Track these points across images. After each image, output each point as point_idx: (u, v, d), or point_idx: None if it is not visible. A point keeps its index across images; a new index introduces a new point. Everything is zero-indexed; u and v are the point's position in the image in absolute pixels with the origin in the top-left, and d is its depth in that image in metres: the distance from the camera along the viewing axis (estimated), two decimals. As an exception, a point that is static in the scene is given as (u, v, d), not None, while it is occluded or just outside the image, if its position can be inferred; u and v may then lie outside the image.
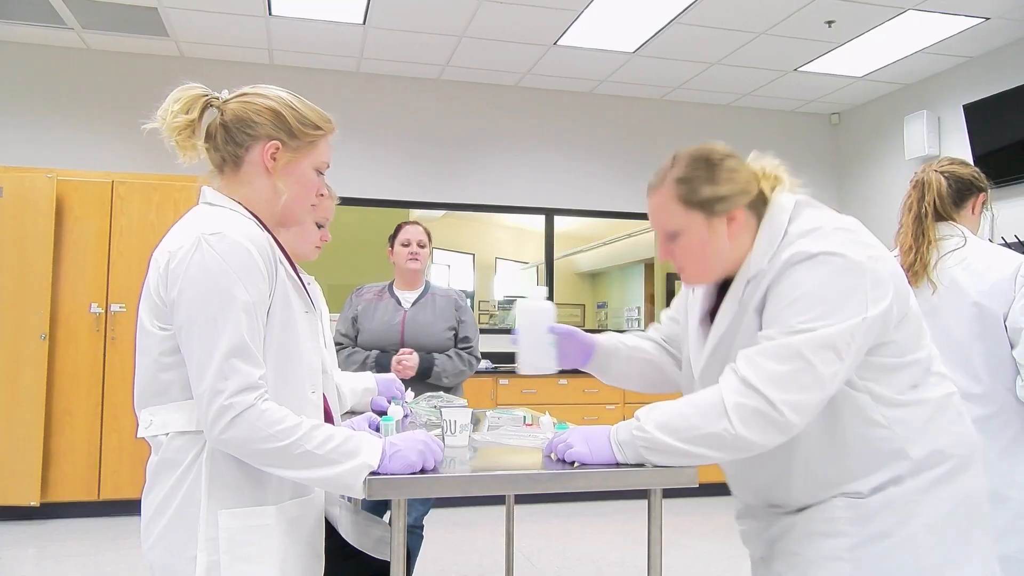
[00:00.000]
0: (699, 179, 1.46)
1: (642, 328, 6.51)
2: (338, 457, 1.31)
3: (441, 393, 2.50)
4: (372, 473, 1.33)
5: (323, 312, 2.45)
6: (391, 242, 3.27)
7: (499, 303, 6.52)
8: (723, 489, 1.74)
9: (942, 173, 2.24)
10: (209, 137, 1.46)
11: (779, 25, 5.02)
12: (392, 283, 3.28)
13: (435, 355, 3.09)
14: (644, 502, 1.53)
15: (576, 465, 1.46)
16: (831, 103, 6.63)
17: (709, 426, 1.35)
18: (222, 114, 1.45)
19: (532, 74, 6.04)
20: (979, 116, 5.32)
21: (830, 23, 4.96)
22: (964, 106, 5.43)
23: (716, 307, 1.55)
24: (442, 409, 1.84)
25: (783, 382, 1.32)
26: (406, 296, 3.22)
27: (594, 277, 6.88)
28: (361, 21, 5.05)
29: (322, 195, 1.52)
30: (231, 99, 1.46)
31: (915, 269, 2.17)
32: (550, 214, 6.42)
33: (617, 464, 1.45)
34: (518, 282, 6.64)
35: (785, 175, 1.53)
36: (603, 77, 6.10)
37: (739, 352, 1.39)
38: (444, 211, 6.20)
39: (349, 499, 1.81)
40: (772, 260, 1.43)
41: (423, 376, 3.04)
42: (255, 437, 1.27)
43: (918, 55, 5.49)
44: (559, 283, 6.48)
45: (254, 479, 1.36)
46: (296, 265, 1.56)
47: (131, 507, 4.67)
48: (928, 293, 2.15)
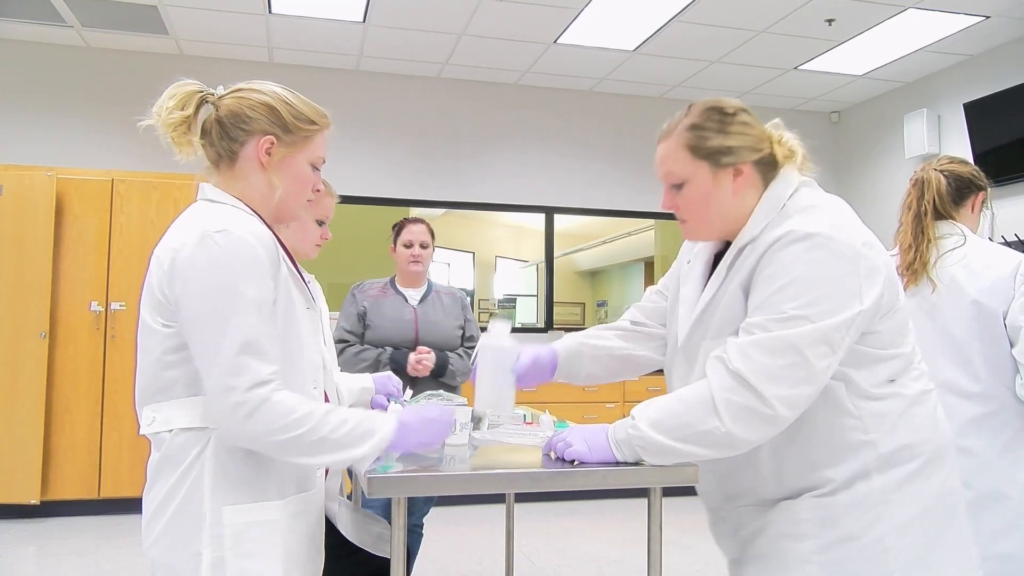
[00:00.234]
0: (710, 128, 1.46)
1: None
2: (353, 440, 1.33)
3: (441, 392, 2.50)
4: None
5: (323, 310, 2.45)
6: (393, 239, 3.21)
7: (499, 301, 6.52)
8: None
9: (942, 172, 2.24)
10: (205, 133, 1.46)
11: (779, 23, 5.02)
12: (393, 279, 3.23)
13: (448, 354, 3.08)
14: (644, 500, 1.53)
15: (576, 464, 1.47)
16: (831, 101, 6.63)
17: (700, 424, 1.34)
18: (217, 110, 1.44)
19: (532, 72, 6.04)
20: (979, 114, 5.32)
21: (830, 21, 4.95)
22: (964, 104, 5.42)
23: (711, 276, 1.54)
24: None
25: (776, 376, 1.31)
26: (411, 293, 3.18)
27: (594, 275, 6.88)
28: (361, 19, 5.05)
29: (318, 190, 1.52)
30: (226, 95, 1.46)
31: (914, 267, 2.17)
32: (550, 212, 6.42)
33: (616, 463, 1.45)
34: (518, 280, 6.64)
35: (800, 149, 1.52)
36: (603, 75, 6.10)
37: (730, 342, 1.37)
38: (444, 209, 6.19)
39: (349, 496, 1.81)
40: (765, 231, 1.41)
41: (437, 375, 3.02)
42: (270, 430, 1.27)
43: (918, 53, 5.49)
44: (559, 281, 6.48)
45: (258, 475, 1.36)
46: (296, 262, 1.57)
47: (131, 505, 4.67)
48: (928, 291, 2.15)
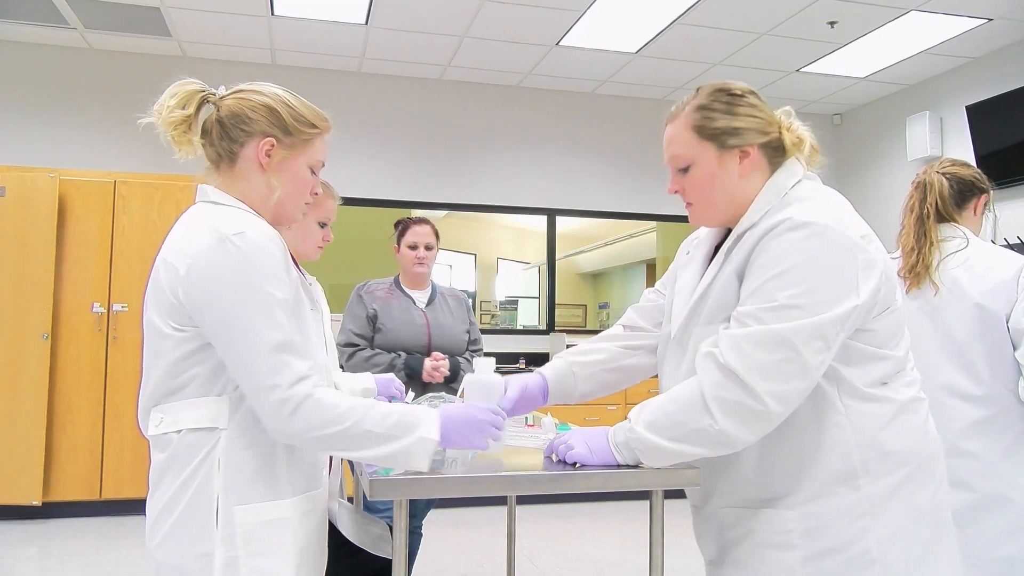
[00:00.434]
0: (717, 109, 1.46)
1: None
2: (398, 432, 1.33)
3: (443, 393, 2.48)
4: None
5: (325, 311, 2.45)
6: (397, 240, 3.14)
7: (501, 303, 6.52)
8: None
9: (944, 174, 2.24)
10: (205, 133, 1.46)
11: (781, 26, 5.02)
12: (397, 279, 3.16)
13: (458, 359, 3.04)
14: (646, 503, 1.53)
15: (577, 466, 1.46)
16: (833, 104, 6.63)
17: (693, 422, 1.33)
18: (218, 110, 1.45)
19: (534, 74, 6.04)
20: (981, 117, 5.31)
21: (832, 24, 4.95)
22: (966, 107, 5.42)
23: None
24: (447, 405, 1.83)
25: (769, 371, 1.29)
26: (417, 296, 3.12)
27: (596, 277, 6.88)
28: (363, 21, 5.05)
29: (316, 194, 1.53)
30: (227, 95, 1.46)
31: (917, 270, 2.17)
32: (552, 214, 6.42)
33: (618, 465, 1.45)
34: (520, 282, 6.64)
35: (808, 138, 1.50)
36: (605, 77, 6.10)
37: (722, 335, 1.35)
38: (446, 211, 6.19)
39: (350, 498, 1.81)
40: (764, 218, 1.40)
41: (450, 380, 2.98)
42: (316, 424, 1.28)
43: (920, 56, 5.49)
44: (561, 283, 6.48)
45: (269, 474, 1.37)
46: (299, 264, 1.57)
47: (133, 506, 4.67)
48: (930, 294, 2.14)
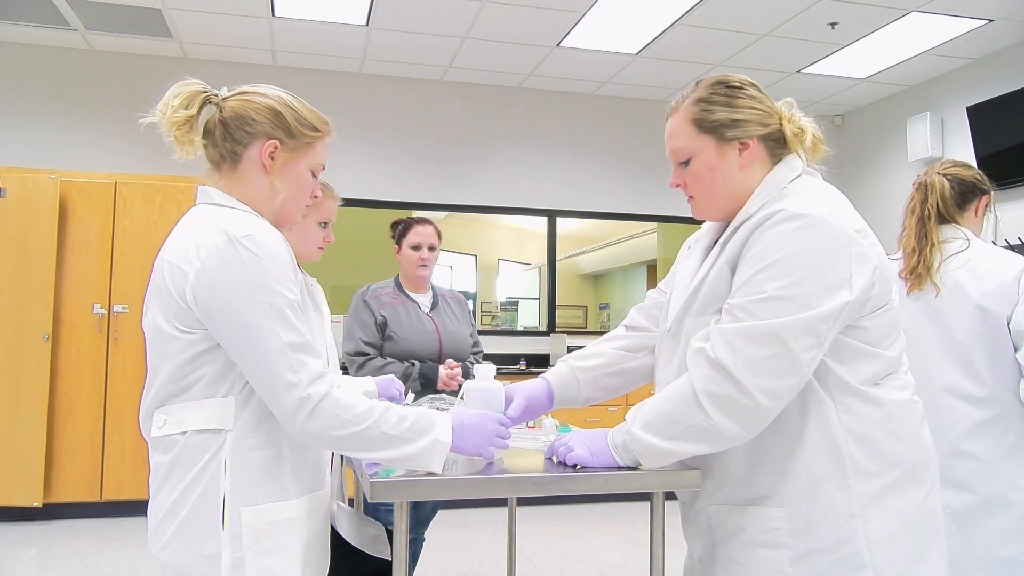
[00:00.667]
0: (716, 102, 1.45)
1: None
2: (413, 435, 1.35)
3: (443, 395, 2.49)
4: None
5: (325, 313, 2.45)
6: (398, 240, 3.04)
7: (501, 304, 6.52)
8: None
9: (945, 175, 2.23)
10: (207, 133, 1.46)
11: (782, 27, 5.01)
12: (398, 281, 3.07)
13: (467, 364, 3.01)
14: (646, 504, 1.53)
15: (578, 468, 1.46)
16: (834, 105, 6.62)
17: (687, 419, 1.33)
18: (221, 111, 1.45)
19: (535, 75, 6.04)
20: (982, 118, 5.31)
21: (833, 25, 4.95)
22: (967, 108, 5.42)
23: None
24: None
25: (760, 367, 1.29)
26: (420, 299, 3.03)
27: (596, 278, 6.88)
28: (364, 22, 5.05)
29: (315, 197, 1.53)
30: (230, 96, 1.46)
31: (918, 271, 2.16)
32: (553, 215, 6.42)
33: (618, 467, 1.44)
34: (521, 283, 6.64)
35: (810, 128, 1.49)
36: (606, 79, 6.10)
37: (714, 330, 1.34)
38: (447, 212, 6.19)
39: (351, 500, 1.81)
40: (760, 210, 1.39)
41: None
42: (334, 424, 1.30)
43: (921, 57, 5.48)
44: (561, 284, 6.48)
45: (276, 475, 1.37)
46: (300, 265, 1.58)
47: (134, 508, 4.67)
48: (931, 296, 2.14)
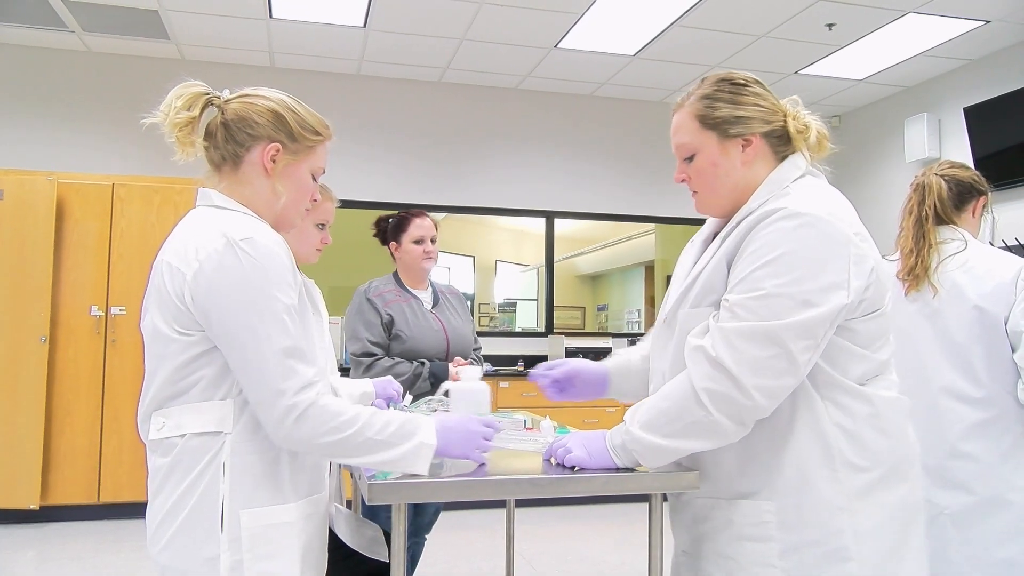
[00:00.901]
0: (721, 98, 1.47)
1: (642, 331, 6.51)
2: (398, 440, 1.37)
3: (443, 396, 2.49)
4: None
5: (323, 314, 2.45)
6: (394, 236, 2.98)
7: (499, 305, 6.52)
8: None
9: (942, 176, 2.24)
10: (209, 135, 1.46)
11: (780, 28, 5.02)
12: (397, 277, 3.00)
13: (472, 361, 3.00)
14: (645, 505, 1.53)
15: (576, 470, 1.46)
16: (832, 106, 6.63)
17: (687, 416, 1.34)
18: (223, 113, 1.45)
19: (533, 77, 6.04)
20: (979, 119, 5.32)
21: (831, 26, 4.96)
22: (964, 109, 5.42)
23: None
24: (441, 413, 1.84)
25: (759, 367, 1.31)
26: (423, 296, 2.98)
27: (594, 279, 6.88)
28: (362, 24, 5.05)
29: (315, 200, 1.54)
30: (232, 99, 1.47)
31: (916, 272, 2.17)
32: (550, 216, 6.43)
33: (617, 468, 1.44)
34: (518, 284, 6.64)
35: (815, 125, 1.50)
36: (604, 80, 6.10)
37: (713, 328, 1.36)
38: (444, 213, 6.19)
39: (349, 503, 1.81)
40: (763, 206, 1.40)
41: None
42: (320, 431, 1.31)
43: (919, 58, 5.49)
44: (559, 285, 6.48)
45: (274, 478, 1.37)
46: (298, 267, 1.57)
47: (131, 510, 4.66)
48: (929, 297, 2.14)
